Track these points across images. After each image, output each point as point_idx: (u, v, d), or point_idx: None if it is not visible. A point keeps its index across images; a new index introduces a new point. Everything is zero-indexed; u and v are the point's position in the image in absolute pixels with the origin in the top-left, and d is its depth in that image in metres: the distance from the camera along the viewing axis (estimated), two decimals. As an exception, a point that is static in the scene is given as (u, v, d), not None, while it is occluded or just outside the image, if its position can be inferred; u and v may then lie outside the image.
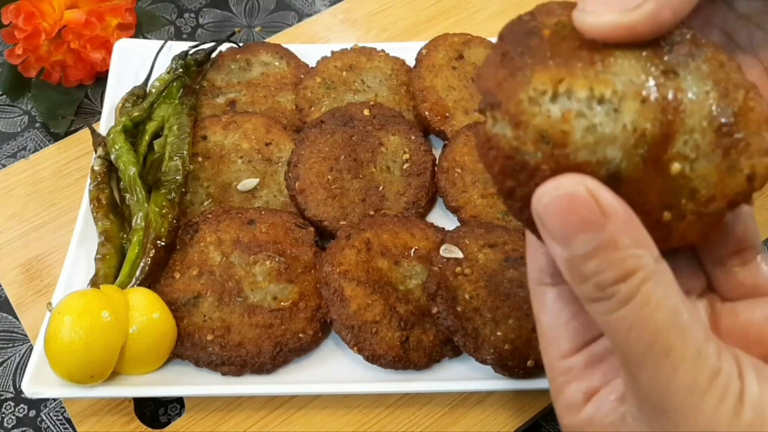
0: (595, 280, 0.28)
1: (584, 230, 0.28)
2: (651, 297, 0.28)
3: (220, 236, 0.65)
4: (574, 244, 0.28)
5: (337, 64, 0.79)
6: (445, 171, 0.70)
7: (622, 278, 0.28)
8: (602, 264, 0.28)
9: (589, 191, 0.28)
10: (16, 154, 0.83)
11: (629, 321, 0.28)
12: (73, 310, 0.55)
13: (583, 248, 0.28)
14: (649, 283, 0.28)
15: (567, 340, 0.35)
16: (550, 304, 0.36)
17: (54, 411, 0.66)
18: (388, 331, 0.60)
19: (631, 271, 0.28)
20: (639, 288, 0.28)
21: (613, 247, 0.28)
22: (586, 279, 0.29)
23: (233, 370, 0.60)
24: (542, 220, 0.29)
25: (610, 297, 0.28)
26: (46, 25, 0.79)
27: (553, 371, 0.36)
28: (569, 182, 0.28)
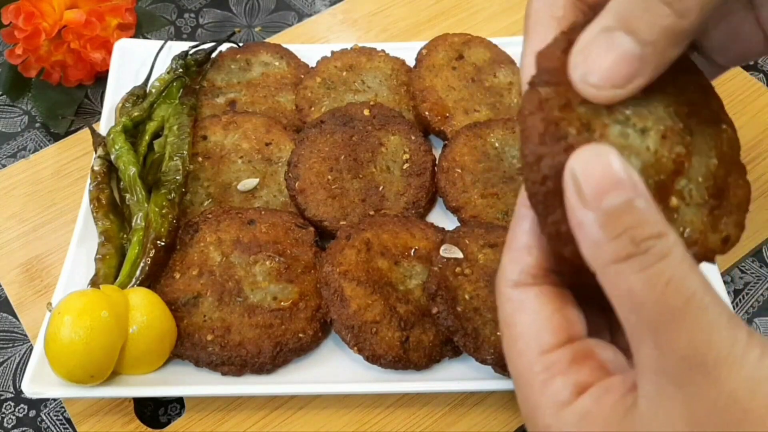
0: (630, 234, 0.28)
1: (619, 188, 0.29)
2: (684, 260, 0.29)
3: (220, 236, 0.65)
4: (608, 199, 0.29)
5: (337, 64, 0.79)
6: (445, 171, 0.70)
7: (656, 235, 0.28)
8: (638, 218, 0.28)
9: (621, 162, 0.29)
10: (16, 154, 0.83)
11: (668, 275, 0.28)
12: (73, 310, 0.55)
13: (618, 204, 0.29)
14: (679, 247, 0.29)
15: (549, 334, 0.34)
16: (531, 302, 0.35)
17: (54, 411, 0.66)
18: (388, 331, 0.60)
19: (664, 232, 0.29)
20: (672, 249, 0.28)
21: (648, 205, 0.29)
22: (618, 235, 0.29)
23: (233, 370, 0.60)
24: (577, 178, 0.29)
25: (645, 251, 0.28)
26: (46, 25, 0.79)
27: (532, 369, 0.34)
28: (605, 149, 0.30)
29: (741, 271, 0.75)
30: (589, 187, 0.29)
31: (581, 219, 0.30)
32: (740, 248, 0.72)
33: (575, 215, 0.30)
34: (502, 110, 0.76)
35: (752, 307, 0.73)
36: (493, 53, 0.80)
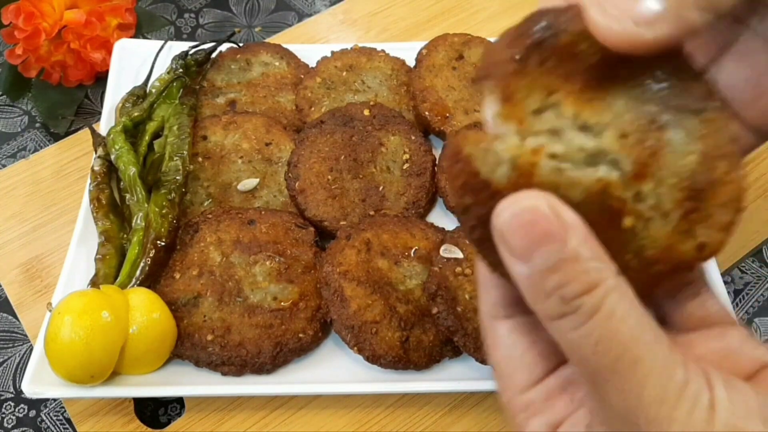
0: (559, 294, 0.28)
1: (546, 243, 0.28)
2: (616, 309, 0.28)
3: (220, 236, 0.65)
4: (536, 258, 0.28)
5: (337, 64, 0.79)
6: (445, 171, 0.70)
7: (586, 290, 0.28)
8: (566, 277, 0.28)
9: (549, 206, 0.28)
10: (16, 154, 0.83)
11: (596, 335, 0.28)
12: (73, 310, 0.55)
13: (545, 262, 0.28)
14: (612, 295, 0.28)
15: (523, 373, 0.35)
16: (503, 337, 0.35)
17: (54, 411, 0.66)
18: (388, 331, 0.60)
19: (595, 283, 0.28)
20: (603, 300, 0.28)
21: (576, 259, 0.28)
22: (549, 294, 0.28)
23: (233, 370, 0.60)
24: (503, 235, 0.29)
25: (575, 310, 0.28)
26: (46, 25, 0.79)
27: (513, 408, 0.35)
28: (530, 197, 0.28)
29: (741, 271, 0.75)
30: (515, 245, 0.28)
31: (516, 273, 0.29)
32: (740, 248, 0.72)
33: (509, 267, 0.30)
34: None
35: (752, 308, 0.73)
36: (493, 53, 0.80)
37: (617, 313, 0.28)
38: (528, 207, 0.28)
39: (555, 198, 0.29)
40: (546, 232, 0.28)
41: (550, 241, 0.28)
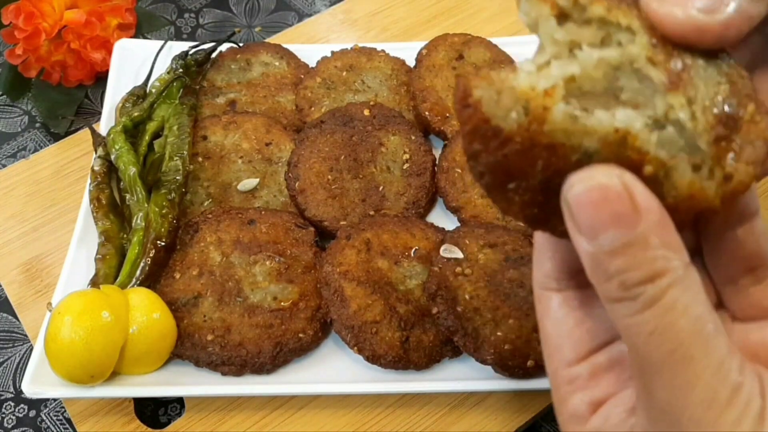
0: (621, 279, 0.27)
1: (615, 225, 0.27)
2: (677, 302, 0.27)
3: (220, 236, 0.65)
4: (602, 238, 0.27)
5: (337, 64, 0.79)
6: (445, 171, 0.70)
7: (649, 279, 0.27)
8: (630, 262, 0.27)
9: (624, 185, 0.27)
10: (16, 154, 0.83)
11: (652, 325, 0.27)
12: (73, 310, 0.55)
13: (611, 244, 0.27)
14: (676, 287, 0.27)
15: (571, 348, 0.34)
16: (554, 310, 0.35)
17: (54, 411, 0.66)
18: (388, 331, 0.60)
19: (660, 273, 0.27)
20: (666, 291, 0.27)
21: (644, 245, 0.27)
22: (610, 277, 0.27)
23: (233, 370, 0.60)
24: (571, 210, 0.28)
25: (634, 298, 0.27)
26: (46, 25, 0.79)
27: (556, 380, 0.34)
28: (604, 173, 0.27)
29: (741, 271, 0.75)
30: (583, 222, 0.27)
31: (579, 247, 0.28)
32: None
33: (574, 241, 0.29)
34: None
35: (752, 307, 0.73)
36: (493, 53, 0.80)
37: (678, 306, 0.27)
38: (601, 184, 0.27)
39: (631, 176, 0.27)
40: (616, 213, 0.26)
41: (619, 223, 0.26)
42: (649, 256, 0.27)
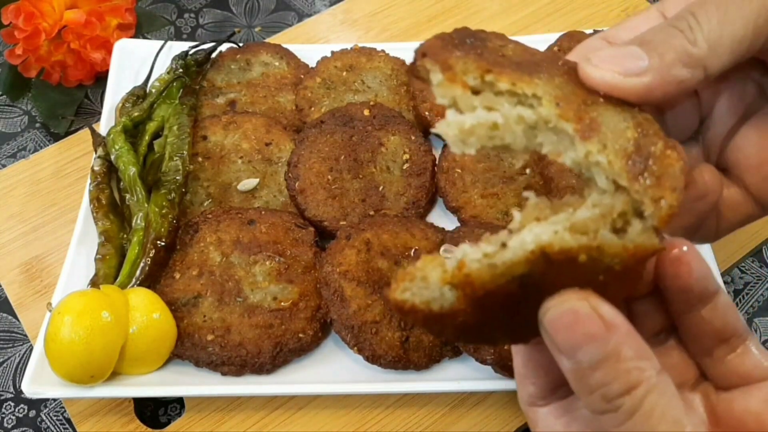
0: (602, 392, 0.30)
1: (589, 343, 0.29)
2: (655, 409, 0.29)
3: (220, 236, 0.65)
4: (579, 355, 0.30)
5: (337, 64, 0.79)
6: (445, 171, 0.70)
7: (626, 390, 0.29)
8: (608, 375, 0.29)
9: (590, 306, 0.30)
10: (16, 154, 0.83)
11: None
12: (73, 310, 0.55)
13: (588, 360, 0.29)
14: (652, 394, 0.29)
15: None
16: (542, 419, 0.37)
17: (54, 411, 0.66)
18: (388, 331, 0.60)
19: (635, 383, 0.29)
20: (643, 400, 0.29)
21: (617, 358, 0.29)
22: (592, 390, 0.30)
23: (233, 370, 0.60)
24: (548, 333, 0.31)
25: (616, 409, 0.30)
26: (46, 25, 0.79)
27: None
28: (572, 298, 0.30)
29: (741, 271, 0.75)
30: (561, 343, 0.30)
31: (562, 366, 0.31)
32: (740, 248, 0.72)
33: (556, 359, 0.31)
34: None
35: (752, 308, 0.73)
36: (493, 53, 0.80)
37: (656, 412, 0.29)
38: (570, 308, 0.30)
39: (596, 298, 0.30)
40: (587, 332, 0.29)
41: (592, 340, 0.29)
42: (623, 368, 0.29)
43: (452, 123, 0.32)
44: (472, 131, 0.32)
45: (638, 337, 0.30)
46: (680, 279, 0.34)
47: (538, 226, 0.30)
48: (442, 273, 0.31)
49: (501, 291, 0.30)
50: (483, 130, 0.32)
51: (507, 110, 0.32)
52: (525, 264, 0.30)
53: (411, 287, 0.31)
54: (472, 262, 0.30)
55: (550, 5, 0.91)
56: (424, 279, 0.31)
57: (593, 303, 0.30)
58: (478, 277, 0.30)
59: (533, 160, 0.70)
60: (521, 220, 0.31)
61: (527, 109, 0.32)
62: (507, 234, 0.30)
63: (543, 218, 0.31)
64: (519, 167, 0.70)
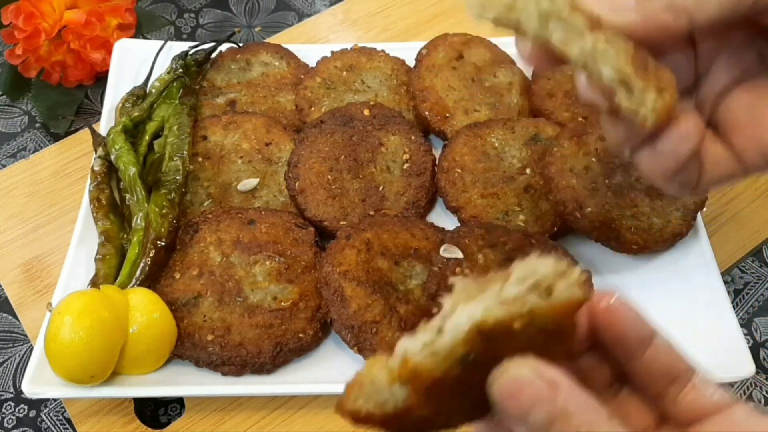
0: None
1: (537, 406, 0.30)
2: None
3: (220, 236, 0.65)
4: (531, 420, 0.30)
5: (337, 64, 0.79)
6: (445, 171, 0.70)
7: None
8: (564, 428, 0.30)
9: (532, 370, 0.31)
10: (16, 154, 0.83)
11: None
12: (73, 311, 0.55)
13: (540, 422, 0.30)
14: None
15: None
16: None
17: (54, 411, 0.66)
18: (388, 331, 0.60)
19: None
20: None
21: (566, 416, 0.30)
22: None
23: (233, 370, 0.60)
24: (499, 404, 0.31)
25: None
26: (46, 25, 0.79)
27: None
28: (513, 366, 0.31)
29: (741, 271, 0.75)
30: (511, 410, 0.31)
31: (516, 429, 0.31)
32: (740, 248, 0.72)
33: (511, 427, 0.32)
34: (502, 110, 0.76)
35: (752, 307, 0.73)
36: (493, 53, 0.80)
37: None
38: (513, 376, 0.31)
39: (536, 361, 0.31)
40: (533, 396, 0.30)
41: (539, 403, 0.30)
42: (574, 423, 0.30)
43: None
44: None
45: (582, 391, 0.31)
46: (613, 329, 0.35)
47: (469, 306, 0.31)
48: (389, 373, 0.31)
49: (448, 376, 0.31)
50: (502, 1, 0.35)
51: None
52: (464, 345, 0.31)
53: (362, 394, 0.32)
54: (414, 356, 0.31)
55: (550, 5, 0.90)
56: (372, 383, 0.32)
57: (533, 367, 0.31)
58: (423, 368, 0.31)
59: (533, 160, 0.70)
60: (451, 304, 0.31)
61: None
62: (441, 320, 0.31)
63: (472, 298, 0.31)
64: (519, 167, 0.70)
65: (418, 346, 0.31)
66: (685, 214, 0.66)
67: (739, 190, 0.76)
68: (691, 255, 0.67)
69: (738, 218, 0.74)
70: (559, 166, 0.66)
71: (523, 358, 0.31)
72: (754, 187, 0.77)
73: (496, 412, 0.32)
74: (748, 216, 0.74)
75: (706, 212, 0.73)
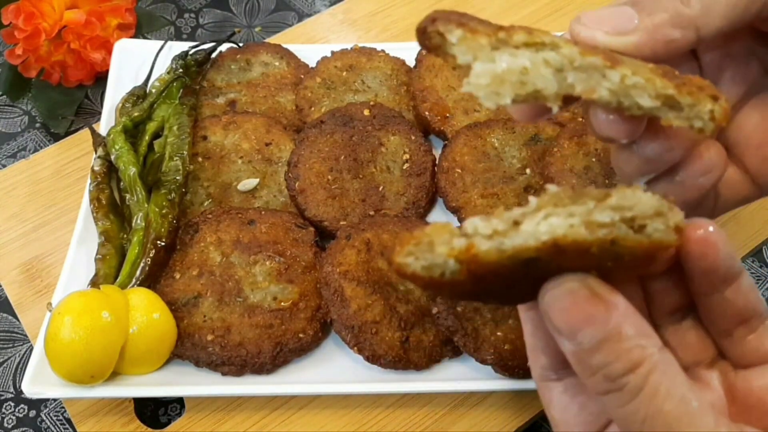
0: (605, 372, 0.30)
1: (589, 324, 0.29)
2: (659, 387, 0.29)
3: (220, 236, 0.65)
4: (580, 337, 0.30)
5: (337, 64, 0.79)
6: (445, 171, 0.70)
7: (630, 369, 0.29)
8: (609, 356, 0.29)
9: (589, 288, 0.30)
10: (16, 154, 0.83)
11: (642, 413, 0.29)
12: (73, 310, 0.55)
13: (589, 341, 0.30)
14: (656, 372, 0.29)
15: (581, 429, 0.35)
16: (557, 398, 0.36)
17: (54, 411, 0.66)
18: (388, 331, 0.60)
19: (638, 362, 0.29)
20: (647, 378, 0.29)
21: (618, 338, 0.29)
22: (595, 372, 0.30)
23: (233, 370, 0.60)
24: (548, 315, 0.31)
25: (620, 388, 0.29)
26: (46, 25, 0.79)
27: None
28: (570, 279, 0.30)
29: (741, 271, 0.75)
30: (561, 326, 0.30)
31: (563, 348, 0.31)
32: (740, 248, 0.72)
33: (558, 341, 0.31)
34: (502, 110, 0.75)
35: (752, 307, 0.73)
36: (493, 53, 0.80)
37: (661, 390, 0.29)
38: (568, 290, 0.30)
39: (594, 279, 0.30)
40: (587, 314, 0.29)
41: (592, 322, 0.29)
42: (625, 347, 0.29)
43: (482, 72, 0.31)
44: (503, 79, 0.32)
45: (638, 315, 0.30)
46: (706, 259, 0.33)
47: (555, 215, 0.29)
48: (449, 249, 0.30)
49: (505, 269, 0.30)
50: (514, 76, 0.32)
51: (532, 56, 0.32)
52: (534, 251, 0.29)
53: (415, 253, 0.30)
54: (481, 243, 0.29)
55: (550, 5, 0.91)
56: (429, 249, 0.30)
57: (591, 284, 0.30)
58: (485, 257, 0.29)
59: (533, 160, 0.70)
60: (538, 203, 0.30)
61: (550, 52, 0.32)
62: (521, 214, 0.30)
63: (561, 205, 0.30)
64: (519, 167, 0.70)
65: (488, 233, 0.29)
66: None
67: (739, 190, 0.76)
68: (691, 255, 0.67)
69: (738, 218, 0.74)
70: (559, 166, 0.66)
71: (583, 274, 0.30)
72: (754, 187, 0.77)
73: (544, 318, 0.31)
74: (748, 216, 0.74)
75: (706, 212, 0.73)
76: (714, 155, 0.37)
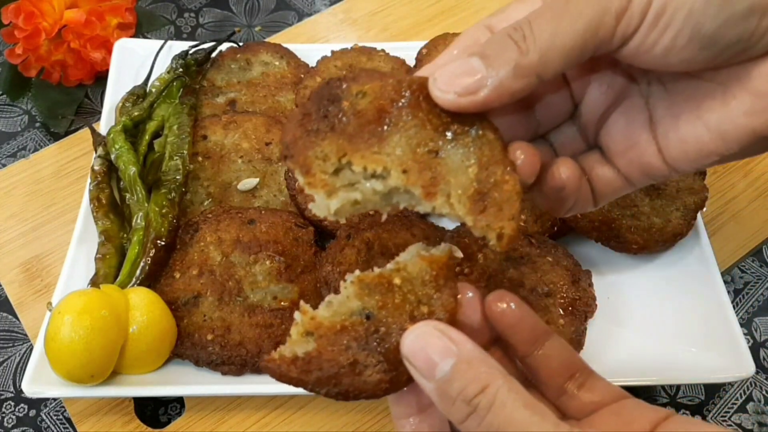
0: (462, 396, 0.34)
1: (443, 357, 0.35)
2: (506, 401, 0.34)
3: (220, 236, 0.65)
4: (438, 371, 0.35)
5: (337, 63, 0.79)
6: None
7: (481, 389, 0.34)
8: (463, 380, 0.34)
9: (436, 328, 0.36)
10: (16, 154, 0.83)
11: (495, 424, 0.34)
12: (73, 310, 0.55)
13: (446, 372, 0.35)
14: (502, 390, 0.34)
15: None
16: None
17: (54, 411, 0.66)
18: (388, 330, 0.60)
19: (486, 383, 0.34)
20: (496, 396, 0.34)
21: (469, 364, 0.35)
22: (455, 399, 0.35)
23: (233, 369, 0.60)
24: (409, 359, 0.36)
25: (475, 409, 0.34)
26: (46, 24, 0.79)
27: None
28: (421, 326, 0.36)
29: (741, 271, 0.75)
30: (421, 364, 0.36)
31: (428, 390, 0.36)
32: (740, 248, 0.73)
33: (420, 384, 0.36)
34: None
35: (752, 307, 0.73)
36: (493, 53, 0.80)
37: (508, 403, 0.34)
38: (419, 333, 0.36)
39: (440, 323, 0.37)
40: (441, 347, 0.35)
41: (445, 355, 0.35)
42: (474, 372, 0.35)
43: (321, 206, 0.40)
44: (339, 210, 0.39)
45: (481, 349, 0.35)
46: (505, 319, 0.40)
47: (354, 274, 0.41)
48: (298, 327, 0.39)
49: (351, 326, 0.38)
50: (348, 205, 0.39)
51: (363, 186, 0.38)
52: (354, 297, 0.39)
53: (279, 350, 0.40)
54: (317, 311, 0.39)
55: (550, 5, 0.90)
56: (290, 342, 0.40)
57: (436, 325, 0.36)
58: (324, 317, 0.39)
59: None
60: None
61: (380, 183, 0.37)
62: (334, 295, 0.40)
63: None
64: (519, 167, 0.70)
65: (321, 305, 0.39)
66: (685, 214, 0.66)
67: (738, 190, 0.76)
68: (691, 255, 0.67)
69: (738, 218, 0.74)
70: (559, 166, 0.66)
71: (426, 321, 0.37)
72: (753, 187, 0.77)
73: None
74: (748, 216, 0.74)
75: (706, 212, 0.73)
76: (564, 174, 0.41)
